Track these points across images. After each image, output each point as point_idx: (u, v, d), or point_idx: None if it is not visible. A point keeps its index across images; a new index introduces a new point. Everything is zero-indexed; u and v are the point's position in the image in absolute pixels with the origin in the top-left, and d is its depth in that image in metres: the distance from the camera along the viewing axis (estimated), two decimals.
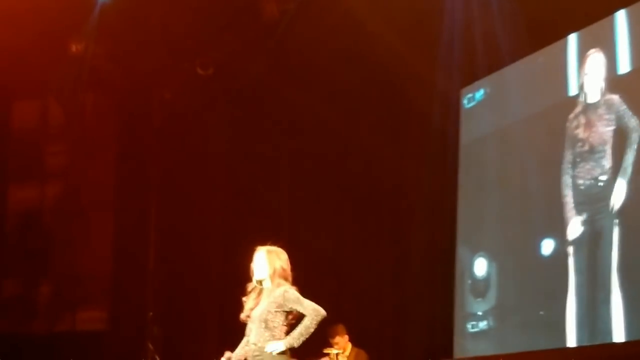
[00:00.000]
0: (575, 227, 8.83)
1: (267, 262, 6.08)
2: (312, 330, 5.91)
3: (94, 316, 12.31)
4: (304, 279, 6.30)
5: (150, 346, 11.01)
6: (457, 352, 10.19)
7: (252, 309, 6.06)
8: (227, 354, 6.10)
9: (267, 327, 5.95)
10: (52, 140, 12.86)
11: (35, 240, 12.35)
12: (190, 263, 11.81)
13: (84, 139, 12.67)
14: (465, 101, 10.77)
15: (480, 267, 10.12)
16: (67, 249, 12.43)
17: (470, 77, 10.55)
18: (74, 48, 11.59)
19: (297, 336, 5.89)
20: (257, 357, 5.97)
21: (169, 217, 11.99)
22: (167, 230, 11.94)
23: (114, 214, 12.60)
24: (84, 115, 12.79)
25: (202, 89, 12.05)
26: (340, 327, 8.98)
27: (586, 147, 8.82)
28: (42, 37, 11.13)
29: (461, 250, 10.45)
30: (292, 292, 5.98)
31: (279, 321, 5.97)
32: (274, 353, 5.90)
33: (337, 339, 8.88)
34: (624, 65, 8.57)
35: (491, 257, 10.03)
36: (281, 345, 5.90)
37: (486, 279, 10.01)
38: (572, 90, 9.21)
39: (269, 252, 6.15)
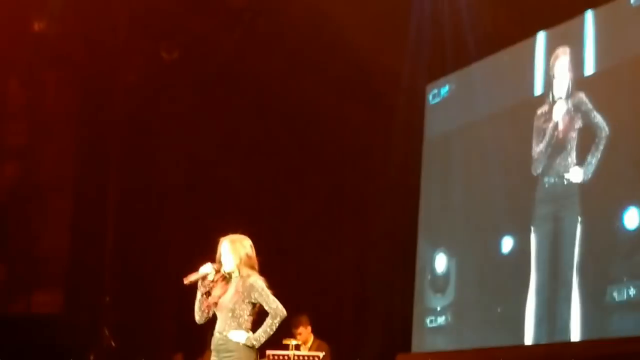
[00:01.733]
0: (538, 224, 8.89)
1: (232, 253, 6.03)
2: (274, 329, 5.92)
3: (49, 299, 12.16)
4: (264, 269, 6.26)
5: (106, 331, 10.90)
6: (415, 346, 10.21)
7: (219, 297, 6.02)
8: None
9: (233, 316, 5.92)
10: (11, 120, 12.66)
11: None
12: (149, 248, 11.71)
13: (44, 118, 12.49)
14: (430, 97, 10.79)
15: (441, 262, 10.16)
16: (24, 230, 12.26)
17: (438, 73, 10.56)
18: (36, 26, 11.41)
19: (259, 336, 5.89)
20: (222, 346, 5.93)
21: (129, 200, 11.87)
22: (126, 214, 11.83)
23: (73, 195, 12.44)
24: (45, 94, 12.61)
25: (166, 72, 11.94)
26: (304, 318, 8.94)
27: (552, 144, 8.87)
28: (4, 14, 10.95)
29: (422, 246, 10.47)
30: (260, 284, 5.95)
31: (246, 311, 5.94)
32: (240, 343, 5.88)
33: (301, 330, 8.84)
34: (590, 66, 8.62)
35: (451, 253, 10.06)
36: (243, 338, 5.88)
37: (446, 275, 10.05)
38: (538, 90, 9.25)
39: (232, 241, 6.10)
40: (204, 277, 6.02)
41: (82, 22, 11.47)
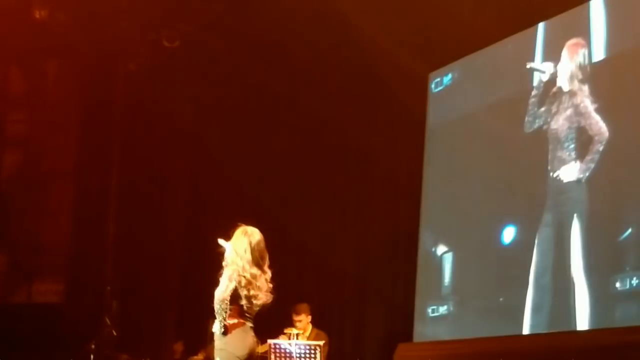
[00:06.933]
0: (541, 214, 8.85)
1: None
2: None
3: (51, 288, 12.17)
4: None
5: (108, 321, 10.89)
6: (417, 336, 10.19)
7: None
8: None
9: None
10: (13, 108, 12.65)
11: None
12: (151, 237, 11.71)
13: (46, 107, 12.48)
14: (432, 85, 10.74)
15: (443, 251, 10.12)
16: (26, 219, 12.27)
17: (441, 61, 10.52)
18: (37, 14, 11.37)
19: None
20: None
21: (131, 189, 11.85)
22: (128, 202, 11.81)
23: (74, 185, 12.44)
24: (47, 83, 12.60)
25: (168, 61, 11.90)
26: (305, 306, 8.95)
27: (550, 131, 8.85)
28: (5, 2, 10.92)
29: (424, 235, 10.44)
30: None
31: None
32: None
33: (302, 317, 8.84)
34: (594, 55, 8.58)
35: (453, 243, 10.03)
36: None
37: (448, 264, 10.01)
38: (541, 78, 9.19)
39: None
40: None
41: (83, 10, 11.43)
